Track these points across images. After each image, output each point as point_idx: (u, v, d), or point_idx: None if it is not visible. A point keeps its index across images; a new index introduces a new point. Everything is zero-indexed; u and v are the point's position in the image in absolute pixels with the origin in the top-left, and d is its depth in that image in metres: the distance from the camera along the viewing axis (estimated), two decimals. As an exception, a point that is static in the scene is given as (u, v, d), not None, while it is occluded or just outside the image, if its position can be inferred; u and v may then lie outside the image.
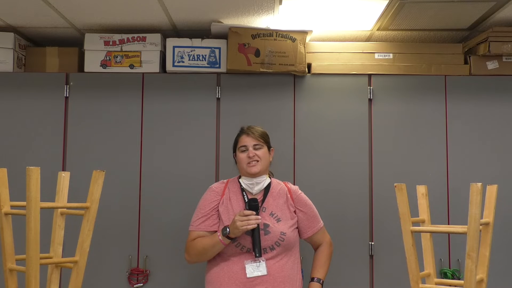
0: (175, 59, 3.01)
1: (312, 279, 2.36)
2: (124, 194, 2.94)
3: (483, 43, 2.94)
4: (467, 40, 3.15)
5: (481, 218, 1.79)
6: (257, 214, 2.20)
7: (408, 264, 1.91)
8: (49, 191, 2.09)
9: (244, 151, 2.33)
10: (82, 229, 1.91)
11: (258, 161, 2.30)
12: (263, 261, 2.21)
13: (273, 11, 2.79)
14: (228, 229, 2.17)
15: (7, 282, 1.84)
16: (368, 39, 3.22)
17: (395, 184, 1.92)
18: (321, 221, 2.43)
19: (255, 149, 2.32)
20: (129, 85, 3.02)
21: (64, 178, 2.03)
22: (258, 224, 2.17)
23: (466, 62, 3.06)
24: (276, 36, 2.97)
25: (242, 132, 2.40)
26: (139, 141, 2.99)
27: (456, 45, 3.10)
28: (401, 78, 3.01)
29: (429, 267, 2.08)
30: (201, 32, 3.11)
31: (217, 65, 3.02)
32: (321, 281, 2.35)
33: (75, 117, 3.00)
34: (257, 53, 2.95)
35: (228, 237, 2.18)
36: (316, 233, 2.40)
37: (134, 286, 2.87)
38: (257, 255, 2.17)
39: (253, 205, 2.23)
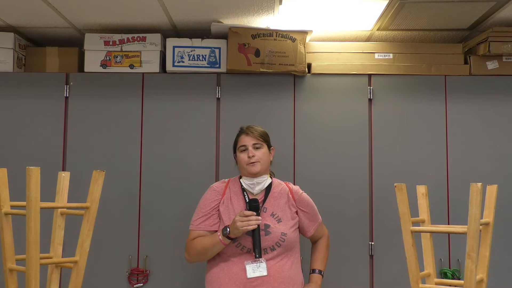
0: (175, 59, 3.01)
1: (313, 271, 2.38)
2: (124, 194, 2.93)
3: (483, 43, 2.94)
4: (467, 40, 3.15)
5: (481, 218, 1.79)
6: (258, 214, 2.20)
7: (408, 264, 1.91)
8: (49, 191, 2.09)
9: (244, 150, 2.33)
10: (82, 229, 1.91)
11: (258, 161, 2.30)
12: (263, 261, 2.21)
13: (273, 11, 2.79)
14: (228, 229, 2.17)
15: (7, 282, 1.84)
16: (368, 39, 3.22)
17: (395, 184, 1.92)
18: (320, 216, 2.45)
19: (254, 148, 2.32)
20: (129, 85, 3.02)
21: (64, 178, 2.03)
22: (258, 225, 2.17)
23: (466, 62, 3.06)
24: (276, 36, 2.97)
25: (241, 131, 2.39)
26: (139, 141, 2.99)
27: (456, 45, 3.10)
28: (401, 78, 3.01)
29: (429, 267, 2.08)
30: (201, 32, 3.11)
31: (217, 65, 3.02)
32: (322, 273, 2.36)
33: (75, 117, 3.00)
34: (257, 53, 2.95)
35: (228, 237, 2.18)
36: (317, 229, 2.42)
37: (134, 286, 2.87)
38: (257, 255, 2.17)
39: (254, 205, 2.22)
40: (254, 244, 2.18)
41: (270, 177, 2.42)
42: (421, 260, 2.01)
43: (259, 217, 2.18)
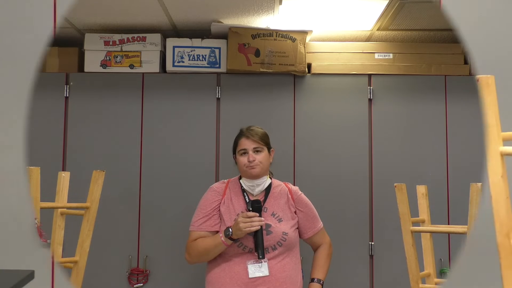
0: (175, 59, 3.01)
1: (312, 280, 2.35)
2: (124, 194, 2.93)
3: (483, 43, 2.94)
4: (467, 40, 3.15)
5: (481, 218, 1.79)
6: (260, 215, 2.19)
7: (408, 264, 1.91)
8: (49, 191, 2.09)
9: (244, 154, 2.31)
10: (82, 229, 1.91)
11: (258, 164, 2.29)
12: (265, 261, 2.21)
13: (273, 11, 2.79)
14: (230, 230, 2.17)
15: (7, 282, 1.84)
16: (368, 39, 3.22)
17: (395, 184, 1.92)
18: (321, 222, 2.42)
19: (255, 152, 2.30)
20: (129, 85, 3.01)
21: (64, 178, 2.03)
22: (261, 226, 2.17)
23: (466, 62, 3.06)
24: (276, 36, 2.97)
25: (241, 134, 2.35)
26: (139, 141, 2.99)
27: (456, 45, 3.09)
28: (401, 78, 3.01)
29: (429, 267, 2.08)
30: (201, 32, 3.11)
31: (217, 65, 3.02)
32: (321, 282, 2.35)
33: (75, 117, 2.99)
34: (257, 53, 2.95)
35: (230, 238, 2.18)
36: (316, 234, 2.39)
37: (134, 286, 2.87)
38: (260, 256, 2.16)
39: (256, 206, 2.21)
40: (257, 245, 2.17)
41: (270, 177, 2.41)
42: (421, 260, 2.01)
43: (262, 218, 2.18)
